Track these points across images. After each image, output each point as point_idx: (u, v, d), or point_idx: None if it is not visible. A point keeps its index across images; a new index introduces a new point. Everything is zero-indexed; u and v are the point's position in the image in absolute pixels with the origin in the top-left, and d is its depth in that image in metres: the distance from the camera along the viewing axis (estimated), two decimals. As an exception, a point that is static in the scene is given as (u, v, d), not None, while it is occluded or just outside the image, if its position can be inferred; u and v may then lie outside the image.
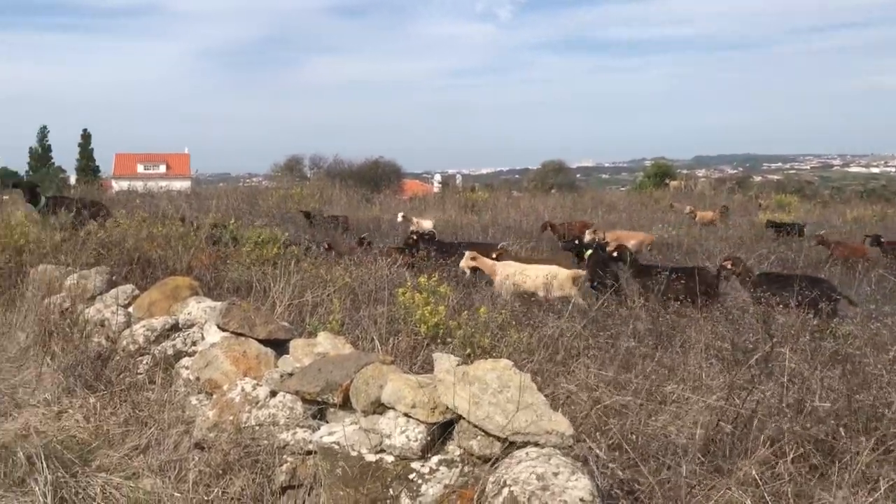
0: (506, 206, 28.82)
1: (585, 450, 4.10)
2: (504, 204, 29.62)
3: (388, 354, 5.11)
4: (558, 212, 26.31)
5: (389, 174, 46.84)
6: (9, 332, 8.69)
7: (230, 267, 9.73)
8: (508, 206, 28.90)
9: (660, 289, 9.69)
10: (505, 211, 26.22)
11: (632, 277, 11.45)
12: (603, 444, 4.37)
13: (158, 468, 5.01)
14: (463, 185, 46.71)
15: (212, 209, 17.07)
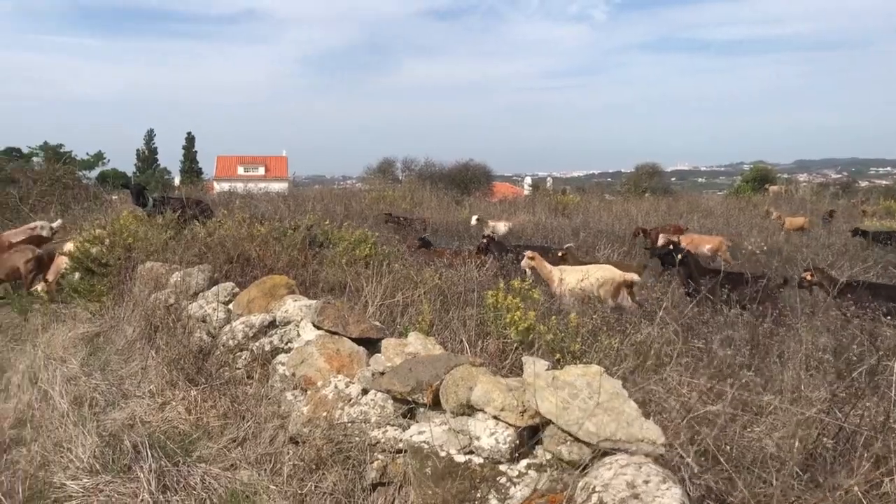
0: (597, 209, 28.42)
1: (676, 459, 4.03)
2: (596, 207, 29.23)
3: (477, 357, 5.15)
4: (652, 216, 25.79)
5: (479, 176, 46.85)
6: (118, 325, 9.15)
7: (325, 267, 9.96)
8: (600, 209, 28.49)
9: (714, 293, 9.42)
10: (597, 214, 25.87)
11: (684, 281, 11.23)
12: (694, 454, 4.29)
13: (255, 460, 5.20)
14: (553, 187, 46.35)
15: (308, 210, 17.52)
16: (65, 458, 5.50)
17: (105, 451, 5.47)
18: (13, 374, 7.89)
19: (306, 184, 62.99)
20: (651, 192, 47.52)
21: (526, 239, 17.97)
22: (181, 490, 4.94)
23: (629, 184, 55.83)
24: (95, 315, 10.12)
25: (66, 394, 6.97)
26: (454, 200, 31.35)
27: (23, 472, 5.43)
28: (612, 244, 16.84)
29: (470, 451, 3.90)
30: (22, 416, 6.71)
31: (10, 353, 8.99)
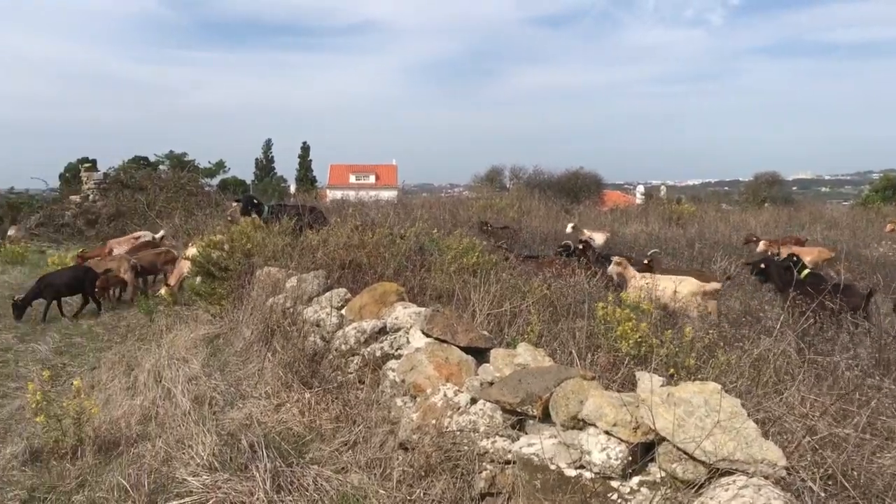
0: (714, 219, 27.55)
1: (798, 483, 3.83)
2: (712, 217, 28.33)
3: (588, 370, 5.06)
4: (772, 227, 24.80)
5: (590, 185, 46.22)
6: (236, 328, 9.52)
7: (433, 274, 10.04)
8: (717, 219, 27.60)
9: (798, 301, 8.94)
10: (713, 225, 25.09)
11: (777, 290, 10.74)
12: (818, 478, 4.07)
13: (365, 464, 5.29)
14: (667, 196, 45.16)
15: (416, 218, 17.74)
16: (186, 455, 5.75)
17: (223, 449, 5.69)
18: (140, 372, 8.33)
19: (415, 191, 63.83)
20: (771, 201, 45.66)
21: (638, 250, 17.58)
22: (294, 490, 5.07)
23: (747, 193, 53.90)
24: (216, 317, 10.57)
25: (187, 393, 7.31)
26: (563, 209, 31.05)
27: (148, 467, 5.71)
28: (729, 256, 16.27)
29: (580, 466, 3.84)
30: (147, 413, 7.08)
31: (137, 353, 9.51)
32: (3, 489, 5.72)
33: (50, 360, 9.82)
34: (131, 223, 25.95)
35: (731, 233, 22.48)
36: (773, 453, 3.37)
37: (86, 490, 5.55)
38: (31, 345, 10.90)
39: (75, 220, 27.93)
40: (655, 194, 50.00)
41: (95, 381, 8.40)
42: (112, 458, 6.11)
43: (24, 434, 6.80)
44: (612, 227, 24.40)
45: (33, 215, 28.80)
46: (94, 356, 10.09)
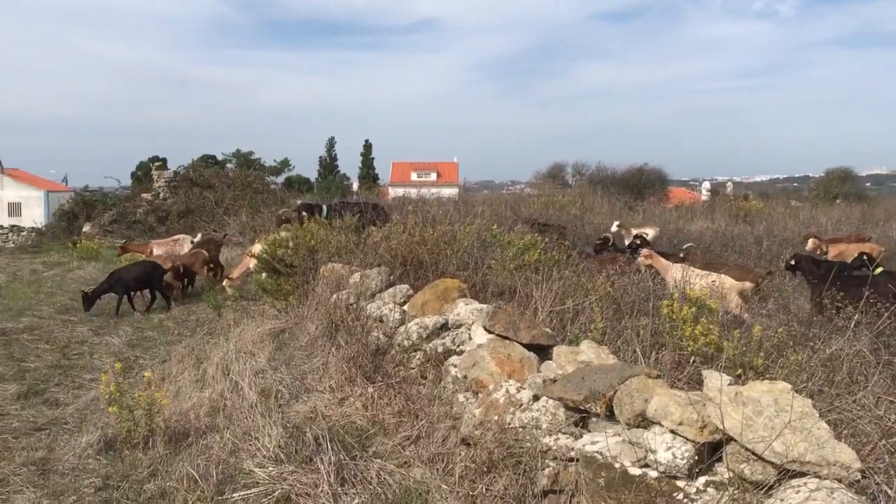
0: (782, 216, 26.78)
1: (873, 486, 3.71)
2: (780, 214, 27.54)
3: (652, 368, 4.99)
4: (843, 224, 23.99)
5: (654, 181, 45.42)
6: (301, 323, 9.68)
7: (494, 271, 10.02)
8: (785, 216, 26.82)
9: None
10: (781, 222, 24.40)
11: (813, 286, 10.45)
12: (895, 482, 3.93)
13: (428, 459, 5.32)
14: (734, 192, 44.12)
15: (477, 214, 17.73)
16: (253, 447, 5.88)
17: (289, 441, 5.80)
18: (208, 365, 8.54)
19: (476, 189, 63.77)
20: (843, 198, 44.22)
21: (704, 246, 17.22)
22: (358, 483, 5.14)
23: (818, 189, 52.30)
24: (281, 312, 10.77)
25: (254, 385, 7.46)
26: (627, 206, 30.61)
27: (216, 457, 5.86)
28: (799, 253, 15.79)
29: (645, 465, 3.79)
30: (215, 405, 7.25)
31: (206, 346, 9.75)
32: (80, 477, 5.93)
33: (123, 353, 10.15)
34: (200, 220, 26.63)
35: (801, 230, 21.82)
36: (846, 456, 3.28)
37: (157, 479, 5.72)
38: (105, 338, 11.29)
39: (147, 217, 28.81)
40: (722, 191, 48.93)
41: (166, 374, 8.65)
42: (182, 448, 6.29)
43: (98, 424, 7.03)
44: (676, 224, 23.97)
45: (107, 212, 29.80)
46: (164, 349, 10.38)
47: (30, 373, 9.22)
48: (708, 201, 38.18)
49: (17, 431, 7.06)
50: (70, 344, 10.92)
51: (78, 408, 7.79)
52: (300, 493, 5.08)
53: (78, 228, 28.96)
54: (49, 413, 7.64)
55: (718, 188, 52.67)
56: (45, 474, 6.01)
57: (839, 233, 19.77)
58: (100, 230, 27.94)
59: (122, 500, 5.45)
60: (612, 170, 48.35)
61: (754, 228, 22.62)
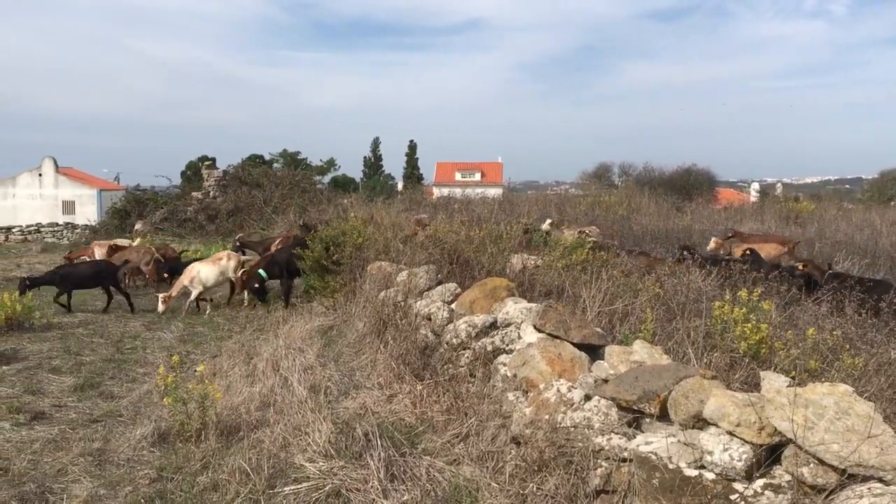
0: (835, 218, 26.15)
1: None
2: (833, 216, 26.88)
3: (707, 370, 4.91)
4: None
5: (702, 182, 44.70)
6: (349, 320, 9.76)
7: (542, 270, 9.98)
8: (838, 218, 26.19)
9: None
10: (833, 224, 23.84)
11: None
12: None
13: (477, 457, 5.31)
14: (784, 194, 43.26)
15: (523, 215, 17.66)
16: (303, 442, 5.94)
17: (339, 437, 5.84)
18: (258, 361, 8.66)
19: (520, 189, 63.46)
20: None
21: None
22: (408, 480, 5.15)
23: (872, 191, 51.09)
24: (329, 310, 10.86)
25: (303, 381, 7.54)
26: (674, 207, 30.17)
27: (267, 452, 5.93)
28: (852, 256, 15.43)
29: (701, 466, 3.74)
30: (266, 400, 7.34)
31: (255, 342, 9.89)
32: (135, 468, 6.05)
33: (175, 348, 10.33)
34: (249, 218, 27.00)
35: (854, 232, 21.29)
36: (912, 461, 3.19)
37: (209, 472, 5.80)
38: (158, 333, 11.52)
39: (197, 216, 29.29)
40: (771, 192, 48.04)
41: (217, 369, 8.78)
42: (233, 442, 6.38)
43: (152, 417, 7.17)
44: (725, 224, 23.57)
45: (158, 210, 30.37)
46: (215, 345, 10.55)
47: (85, 366, 9.45)
48: (757, 202, 37.52)
49: (75, 423, 7.24)
50: (123, 338, 11.16)
51: (132, 401, 7.95)
52: (350, 489, 5.11)
53: (130, 226, 29.59)
54: (104, 405, 7.82)
55: (768, 189, 51.74)
56: (102, 465, 6.15)
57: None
58: (151, 228, 28.50)
59: (176, 492, 5.54)
60: (659, 170, 47.74)
61: (805, 230, 22.15)
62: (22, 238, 33.90)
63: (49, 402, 7.87)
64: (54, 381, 8.70)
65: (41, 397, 8.05)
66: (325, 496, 5.11)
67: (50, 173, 50.16)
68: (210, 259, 14.03)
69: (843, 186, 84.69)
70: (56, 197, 49.79)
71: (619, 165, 54.79)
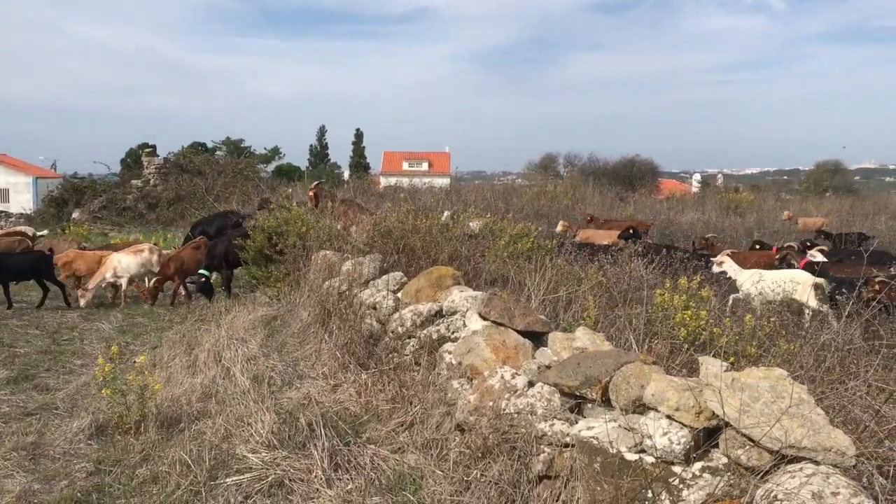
0: (773, 208, 26.95)
1: (867, 473, 3.73)
2: (771, 206, 27.72)
3: (648, 355, 4.99)
4: (833, 217, 24.14)
5: (645, 173, 45.52)
6: (293, 310, 9.66)
7: (487, 259, 10.01)
8: (776, 208, 26.98)
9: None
10: (772, 214, 24.54)
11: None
12: (889, 470, 3.95)
13: (422, 445, 5.32)
14: (724, 185, 44.29)
15: (470, 204, 17.72)
16: (245, 432, 5.87)
17: (282, 427, 5.79)
18: (200, 351, 8.51)
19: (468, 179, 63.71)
20: (833, 191, 44.51)
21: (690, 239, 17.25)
22: (352, 469, 5.14)
23: (808, 182, 52.66)
24: (273, 300, 10.73)
25: (246, 372, 7.45)
26: (618, 197, 30.66)
27: (208, 443, 5.84)
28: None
29: (641, 450, 3.79)
30: (208, 391, 7.23)
31: (197, 333, 9.71)
32: (71, 461, 5.90)
33: (113, 339, 10.08)
34: (191, 207, 26.51)
35: (791, 222, 21.94)
36: (841, 441, 3.28)
37: (149, 464, 5.70)
38: (96, 323, 11.23)
39: (137, 204, 28.67)
40: (712, 183, 49.10)
41: (157, 360, 8.61)
42: (174, 434, 6.26)
43: (89, 409, 7.00)
44: (667, 215, 24.05)
45: (96, 199, 29.62)
46: (155, 335, 10.34)
47: (20, 358, 9.16)
48: (699, 193, 38.34)
49: (7, 416, 7.01)
50: (60, 329, 10.86)
51: (69, 393, 7.74)
52: (294, 479, 5.07)
53: (67, 215, 28.80)
54: (39, 398, 7.60)
55: (709, 180, 52.91)
56: (36, 459, 5.98)
57: (830, 227, 19.87)
58: (89, 216, 27.79)
59: (114, 485, 5.43)
60: (604, 161, 48.49)
61: (745, 220, 22.74)
62: (-48, 227, 32.74)
63: (-20, 396, 7.61)
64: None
65: (-29, 391, 7.78)
66: (269, 486, 5.07)
67: (-18, 160, 48.55)
68: (130, 249, 13.48)
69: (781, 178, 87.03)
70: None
71: (564, 156, 55.37)
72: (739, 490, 3.44)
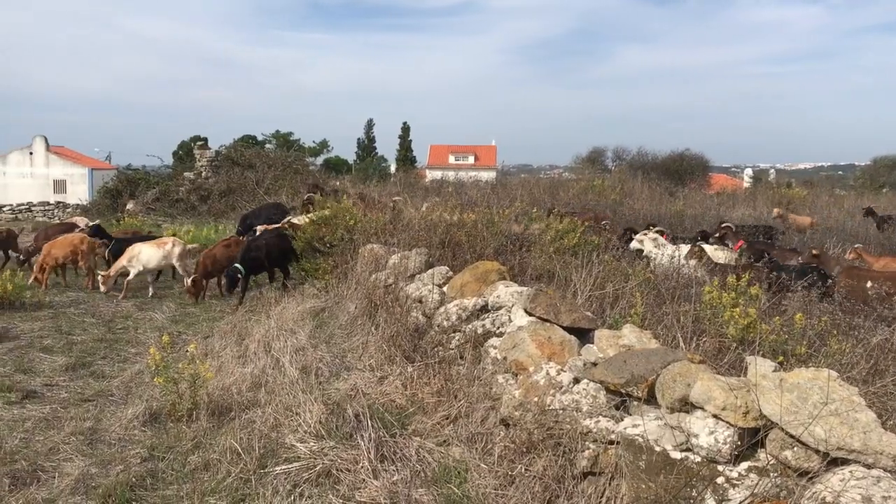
0: (826, 204, 26.30)
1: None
2: (825, 202, 27.04)
3: (695, 353, 4.96)
4: (890, 213, 23.48)
5: (695, 167, 44.73)
6: (341, 302, 9.78)
7: (532, 254, 10.00)
8: (830, 204, 26.33)
9: None
10: (825, 210, 23.97)
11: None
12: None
13: (467, 439, 5.36)
14: (777, 180, 43.40)
15: (516, 199, 17.68)
16: (294, 422, 5.98)
17: (329, 418, 5.89)
18: (250, 341, 8.68)
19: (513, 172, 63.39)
20: (890, 186, 43.31)
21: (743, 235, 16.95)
22: (398, 460, 5.20)
23: (864, 178, 51.32)
24: (321, 292, 10.87)
25: (295, 362, 7.58)
26: (667, 192, 30.24)
27: (258, 432, 5.97)
28: (843, 243, 15.52)
29: (686, 449, 3.79)
30: (257, 381, 7.38)
31: (248, 323, 9.91)
32: (126, 447, 6.10)
33: (166, 328, 10.34)
34: (241, 199, 26.91)
35: (846, 218, 21.42)
36: (893, 445, 3.24)
37: (200, 451, 5.85)
38: (149, 313, 11.53)
39: (189, 196, 29.15)
40: (764, 178, 48.19)
41: (209, 349, 8.81)
42: (224, 422, 6.41)
43: (143, 397, 7.21)
44: (717, 210, 23.67)
45: (150, 190, 30.22)
46: (207, 325, 10.57)
47: (77, 345, 9.48)
48: (750, 188, 37.65)
49: (66, 402, 7.27)
50: (115, 318, 11.17)
51: (123, 380, 7.98)
52: (341, 469, 5.16)
53: (122, 206, 29.47)
54: (96, 385, 7.86)
55: (761, 175, 51.92)
56: (93, 443, 6.19)
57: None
58: (143, 208, 28.41)
59: (167, 471, 5.59)
60: (652, 155, 47.75)
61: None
62: (13, 217, 33.80)
63: (40, 381, 7.90)
64: (46, 360, 8.72)
65: (33, 376, 8.08)
66: (316, 476, 5.16)
67: (41, 152, 49.94)
68: (155, 242, 13.61)
69: (835, 173, 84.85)
70: (47, 176, 49.60)
71: (612, 150, 54.67)
72: (786, 491, 3.42)
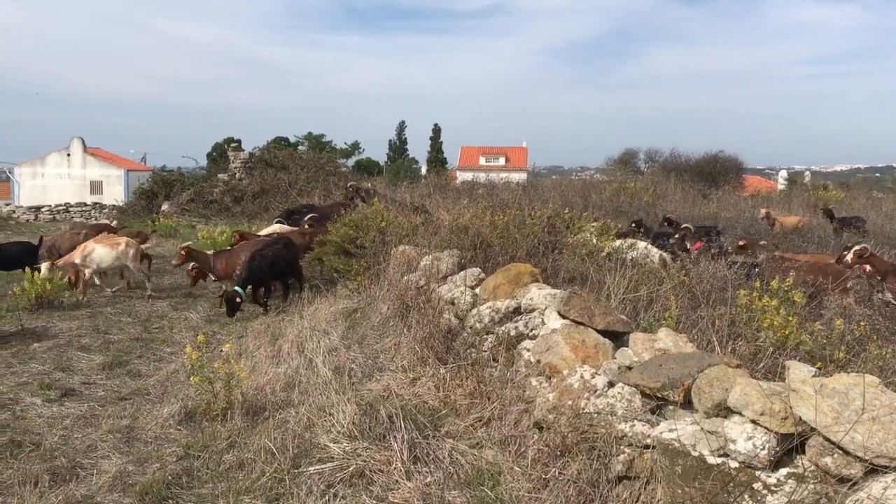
0: (864, 207, 25.87)
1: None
2: (862, 205, 26.61)
3: (731, 358, 4.90)
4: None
5: (729, 169, 44.17)
6: (373, 303, 9.81)
7: (565, 257, 9.95)
8: (867, 207, 25.89)
9: None
10: (863, 213, 23.56)
11: None
12: None
13: (500, 441, 5.35)
14: (812, 182, 42.73)
15: (548, 200, 17.60)
16: (327, 422, 6.01)
17: (363, 419, 5.90)
18: (283, 342, 8.75)
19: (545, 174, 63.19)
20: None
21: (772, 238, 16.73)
22: (430, 462, 5.21)
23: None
24: (353, 293, 10.92)
25: (328, 363, 7.62)
26: (700, 194, 29.90)
27: (292, 432, 6.01)
28: (883, 246, 15.23)
29: (724, 454, 3.74)
30: (291, 381, 7.43)
31: (281, 324, 9.98)
32: (162, 445, 6.18)
33: (201, 328, 10.45)
34: (274, 201, 27.13)
35: (884, 222, 21.04)
36: (937, 453, 3.18)
37: (235, 450, 5.91)
38: (184, 313, 11.67)
39: (223, 197, 29.42)
40: (799, 180, 47.49)
41: (243, 349, 8.89)
42: (259, 421, 6.47)
43: (179, 396, 7.30)
44: (751, 213, 23.37)
45: (185, 192, 30.57)
46: (241, 325, 10.66)
47: (114, 344, 9.62)
48: (785, 190, 37.14)
49: (104, 400, 7.39)
50: (150, 318, 11.32)
51: (159, 379, 8.08)
52: (374, 470, 5.18)
53: (157, 207, 29.87)
54: (132, 383, 7.97)
55: (796, 177, 51.16)
56: (130, 441, 6.29)
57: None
58: (178, 209, 28.75)
59: (203, 470, 5.66)
60: (686, 157, 47.24)
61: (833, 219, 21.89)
62: (50, 217, 34.33)
63: (78, 380, 8.03)
64: (83, 358, 8.87)
65: (71, 374, 8.22)
66: (350, 476, 5.18)
67: (78, 153, 50.82)
68: (108, 241, 13.04)
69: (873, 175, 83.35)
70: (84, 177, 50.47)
71: (645, 151, 54.20)
72: (826, 498, 3.37)
